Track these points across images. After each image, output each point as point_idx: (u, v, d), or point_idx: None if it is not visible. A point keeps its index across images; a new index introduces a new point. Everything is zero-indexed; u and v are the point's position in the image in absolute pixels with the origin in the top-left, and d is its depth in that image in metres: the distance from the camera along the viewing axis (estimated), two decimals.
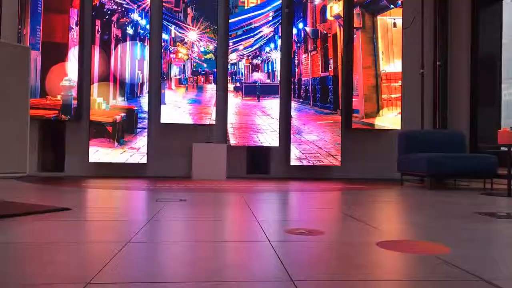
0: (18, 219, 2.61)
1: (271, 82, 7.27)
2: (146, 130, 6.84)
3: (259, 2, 7.18)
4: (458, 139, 6.20)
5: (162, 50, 6.95)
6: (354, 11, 7.36)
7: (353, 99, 7.35)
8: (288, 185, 5.86)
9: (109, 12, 6.78)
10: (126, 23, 6.84)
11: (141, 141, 6.81)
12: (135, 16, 6.86)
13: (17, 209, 2.84)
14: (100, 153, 6.69)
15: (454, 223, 2.75)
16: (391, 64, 7.45)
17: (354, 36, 7.37)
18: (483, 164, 5.43)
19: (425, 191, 5.19)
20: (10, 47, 2.45)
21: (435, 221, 2.84)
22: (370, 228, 2.48)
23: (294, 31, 7.26)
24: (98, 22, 6.77)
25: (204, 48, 7.09)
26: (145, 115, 6.86)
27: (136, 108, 6.84)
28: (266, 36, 7.23)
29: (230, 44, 7.13)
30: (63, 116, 6.62)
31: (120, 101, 6.81)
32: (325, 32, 7.31)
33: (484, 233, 2.43)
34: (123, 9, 6.83)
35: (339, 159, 7.22)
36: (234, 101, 7.17)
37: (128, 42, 6.86)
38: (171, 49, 7.00)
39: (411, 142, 6.09)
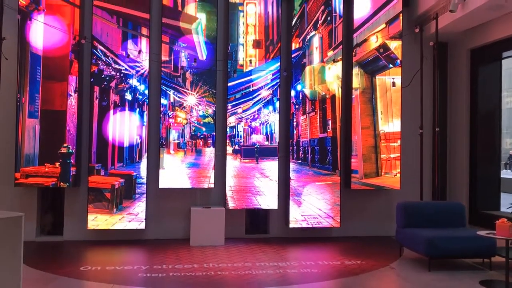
0: None
1: (269, 144, 7.27)
2: (145, 195, 6.82)
3: (257, 66, 7.18)
4: (458, 211, 6.16)
5: (160, 115, 6.96)
6: (353, 72, 7.34)
7: (352, 160, 7.34)
8: (286, 260, 5.81)
9: (107, 78, 6.79)
10: (125, 89, 6.85)
11: (140, 207, 6.80)
12: (133, 81, 6.87)
13: None
14: (98, 219, 6.68)
15: None
16: (390, 124, 7.43)
17: (353, 96, 7.36)
18: (483, 245, 5.39)
19: (423, 275, 5.16)
20: (2, 220, 2.45)
21: None
22: None
23: (293, 93, 7.26)
24: (96, 89, 6.78)
25: (203, 112, 7.10)
26: (144, 181, 6.85)
27: (134, 173, 6.84)
28: (265, 99, 7.23)
29: (229, 107, 7.13)
30: (61, 183, 6.62)
31: (119, 167, 6.81)
32: (324, 93, 7.30)
33: None
34: (122, 75, 6.84)
35: (338, 220, 7.19)
36: (232, 164, 7.16)
37: (126, 108, 6.87)
38: (169, 114, 7.01)
39: (410, 214, 6.04)
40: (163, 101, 6.97)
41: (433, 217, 6.07)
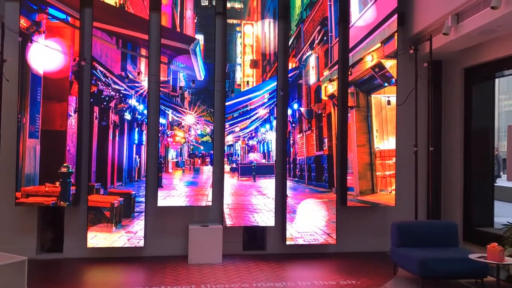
0: None
1: (266, 162, 7.38)
2: (143, 213, 6.92)
3: (254, 85, 7.30)
4: (451, 230, 6.26)
5: (159, 134, 7.07)
6: (348, 90, 7.46)
7: (348, 177, 7.44)
8: (283, 279, 5.91)
9: (107, 98, 6.89)
10: (124, 108, 6.95)
11: (138, 225, 6.90)
12: (132, 101, 6.98)
13: None
14: (98, 238, 6.77)
15: None
16: (385, 142, 7.54)
17: (349, 114, 7.47)
18: (475, 266, 5.48)
19: None
20: (6, 265, 2.54)
21: None
22: None
23: (289, 111, 7.37)
24: (96, 109, 6.88)
25: (201, 131, 7.21)
26: (142, 199, 6.95)
27: (133, 192, 6.94)
28: (262, 118, 7.35)
29: (227, 126, 7.24)
30: (61, 202, 6.71)
31: (118, 186, 6.91)
32: (320, 112, 7.42)
33: None
34: (121, 95, 6.95)
35: (335, 237, 7.29)
36: (230, 182, 7.27)
37: (125, 127, 6.97)
38: (168, 133, 7.12)
39: (404, 234, 6.13)
40: (162, 120, 7.08)
41: (427, 236, 6.16)
